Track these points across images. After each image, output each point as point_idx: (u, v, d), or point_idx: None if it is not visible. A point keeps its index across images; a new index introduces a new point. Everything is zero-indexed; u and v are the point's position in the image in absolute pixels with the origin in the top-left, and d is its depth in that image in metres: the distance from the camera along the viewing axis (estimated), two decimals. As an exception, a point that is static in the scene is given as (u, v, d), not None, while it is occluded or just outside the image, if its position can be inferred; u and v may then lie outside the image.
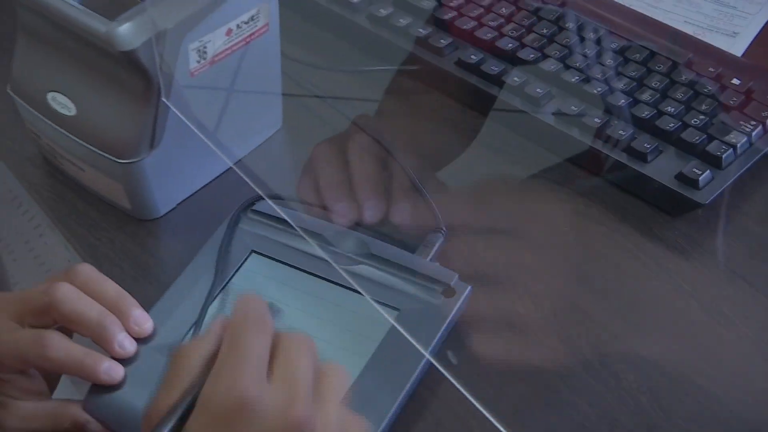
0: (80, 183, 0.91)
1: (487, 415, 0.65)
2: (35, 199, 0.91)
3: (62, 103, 0.84)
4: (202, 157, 0.88)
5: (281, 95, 0.93)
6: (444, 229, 0.84)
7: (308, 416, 0.58)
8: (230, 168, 0.91)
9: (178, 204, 0.89)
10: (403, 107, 0.99)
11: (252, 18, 0.84)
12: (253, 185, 0.81)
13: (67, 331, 0.72)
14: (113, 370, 0.70)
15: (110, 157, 0.82)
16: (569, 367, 0.77)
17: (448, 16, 1.00)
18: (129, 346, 0.71)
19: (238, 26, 0.83)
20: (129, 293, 0.73)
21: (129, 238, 0.86)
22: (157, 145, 0.82)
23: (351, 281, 0.77)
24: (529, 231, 0.87)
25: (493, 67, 0.95)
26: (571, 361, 0.77)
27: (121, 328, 0.71)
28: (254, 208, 0.84)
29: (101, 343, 0.71)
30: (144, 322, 0.72)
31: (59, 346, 0.69)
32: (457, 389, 0.74)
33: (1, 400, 0.72)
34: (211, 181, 0.91)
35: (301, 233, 0.80)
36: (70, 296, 0.70)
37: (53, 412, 0.72)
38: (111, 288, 0.72)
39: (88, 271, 0.72)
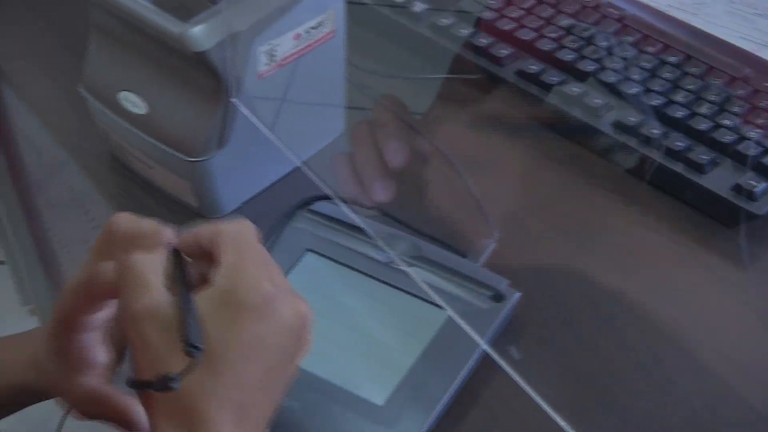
0: (148, 180, 0.93)
1: (548, 409, 0.66)
2: (103, 195, 0.94)
3: (133, 102, 0.87)
4: (267, 158, 0.90)
5: (343, 101, 0.95)
6: (496, 234, 0.86)
7: (309, 311, 0.63)
8: (293, 170, 0.93)
9: (242, 203, 0.91)
10: (462, 115, 1.00)
11: (319, 24, 0.86)
12: (320, 185, 0.83)
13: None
14: None
15: (179, 155, 0.85)
16: (624, 370, 0.78)
17: (509, 26, 1.02)
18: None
19: (306, 31, 0.85)
20: None
21: (195, 235, 0.88)
22: (224, 144, 0.85)
23: (426, 289, 0.78)
24: (584, 237, 0.89)
25: (552, 77, 0.96)
26: (626, 364, 0.79)
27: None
28: (311, 208, 0.86)
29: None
30: None
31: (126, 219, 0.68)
32: (513, 386, 0.76)
33: (68, 374, 0.74)
34: (274, 183, 0.93)
35: (372, 234, 0.82)
36: (129, 216, 0.69)
37: (107, 401, 0.74)
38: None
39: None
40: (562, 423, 0.66)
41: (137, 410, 0.73)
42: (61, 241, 1.50)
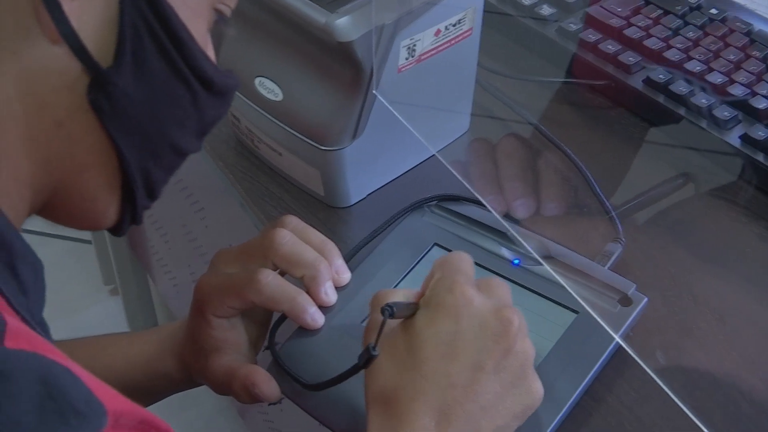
0: (274, 167, 0.94)
1: (688, 411, 0.67)
2: (230, 180, 0.95)
3: (269, 89, 0.88)
4: (396, 151, 0.91)
5: (471, 100, 0.96)
6: (623, 239, 0.86)
7: (516, 319, 0.66)
8: (416, 165, 0.94)
9: (368, 194, 0.92)
10: (587, 120, 1.01)
11: (459, 21, 0.87)
12: (459, 177, 0.84)
13: None
14: (318, 315, 0.75)
15: (313, 143, 0.86)
16: (749, 384, 0.78)
17: (637, 35, 1.02)
18: (332, 295, 0.76)
19: (446, 28, 0.86)
20: None
21: (321, 224, 0.89)
22: (359, 135, 0.85)
23: (567, 287, 0.78)
24: (710, 249, 0.89)
25: (681, 87, 0.96)
26: (752, 377, 0.78)
27: (330, 275, 0.76)
28: (439, 203, 0.87)
29: (311, 285, 0.75)
30: (344, 272, 0.78)
31: (274, 280, 0.73)
32: (637, 393, 0.76)
33: (206, 355, 0.76)
34: (398, 176, 0.94)
35: (511, 231, 0.82)
36: (288, 239, 0.75)
37: (232, 371, 0.75)
38: (316, 235, 0.78)
39: (295, 221, 0.78)
40: (701, 425, 0.66)
41: (268, 386, 0.74)
42: (157, 222, 1.51)
